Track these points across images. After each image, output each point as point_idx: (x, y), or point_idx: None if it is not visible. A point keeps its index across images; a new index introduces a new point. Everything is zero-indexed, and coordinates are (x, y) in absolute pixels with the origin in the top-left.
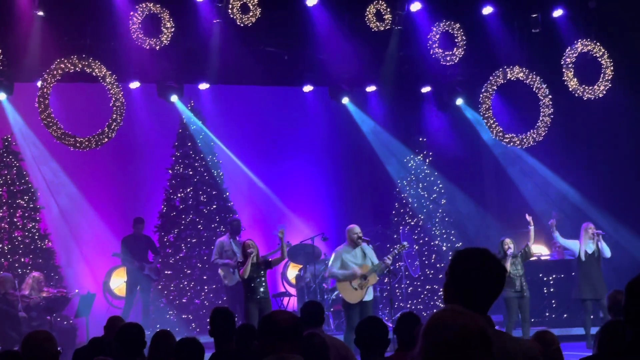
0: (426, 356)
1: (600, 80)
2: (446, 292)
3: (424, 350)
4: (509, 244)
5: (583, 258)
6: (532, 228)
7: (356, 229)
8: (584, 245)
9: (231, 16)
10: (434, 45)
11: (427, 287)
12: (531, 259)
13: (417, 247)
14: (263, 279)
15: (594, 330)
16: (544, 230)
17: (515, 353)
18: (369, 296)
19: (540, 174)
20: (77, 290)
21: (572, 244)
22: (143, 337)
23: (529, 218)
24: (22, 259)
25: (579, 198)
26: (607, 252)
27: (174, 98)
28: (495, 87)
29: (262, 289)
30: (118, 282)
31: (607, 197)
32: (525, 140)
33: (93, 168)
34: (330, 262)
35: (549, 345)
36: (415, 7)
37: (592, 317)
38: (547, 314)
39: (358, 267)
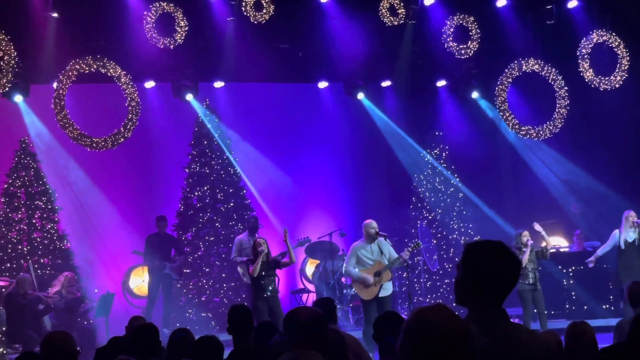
0: (406, 354)
1: (617, 70)
2: (459, 285)
3: (404, 348)
4: (528, 236)
5: (623, 246)
6: (544, 234)
7: (373, 223)
8: (624, 233)
9: (245, 14)
10: (448, 39)
11: (446, 281)
12: (547, 255)
13: (434, 242)
14: (272, 277)
15: None
16: (563, 220)
17: (530, 346)
18: (385, 292)
19: (559, 165)
20: (96, 290)
21: (612, 240)
22: (157, 337)
23: (537, 227)
24: (42, 260)
25: (600, 187)
26: None
27: (189, 97)
28: (510, 80)
29: (270, 287)
30: (137, 281)
31: (629, 185)
32: (541, 132)
33: (109, 168)
34: (346, 259)
35: (581, 337)
36: (428, 1)
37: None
38: (567, 306)
39: (373, 262)
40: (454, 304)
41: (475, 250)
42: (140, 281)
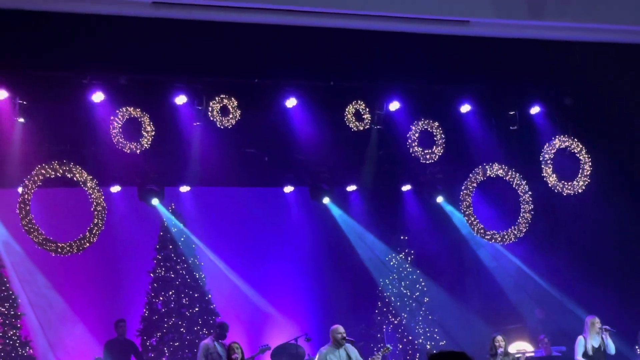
0: None
1: (579, 175)
2: None
3: None
4: (500, 342)
5: (590, 352)
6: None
7: (340, 328)
8: (590, 339)
9: (211, 119)
10: (413, 144)
11: None
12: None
13: (400, 347)
14: None
15: None
16: (527, 326)
17: None
18: None
19: (522, 269)
20: None
21: (581, 346)
22: None
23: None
24: None
25: (560, 293)
26: (612, 349)
27: (155, 201)
28: (475, 185)
29: None
30: None
31: (589, 291)
32: (506, 236)
33: (74, 273)
34: None
35: None
36: (394, 106)
37: None
38: None
39: None
40: None
41: None
42: None
